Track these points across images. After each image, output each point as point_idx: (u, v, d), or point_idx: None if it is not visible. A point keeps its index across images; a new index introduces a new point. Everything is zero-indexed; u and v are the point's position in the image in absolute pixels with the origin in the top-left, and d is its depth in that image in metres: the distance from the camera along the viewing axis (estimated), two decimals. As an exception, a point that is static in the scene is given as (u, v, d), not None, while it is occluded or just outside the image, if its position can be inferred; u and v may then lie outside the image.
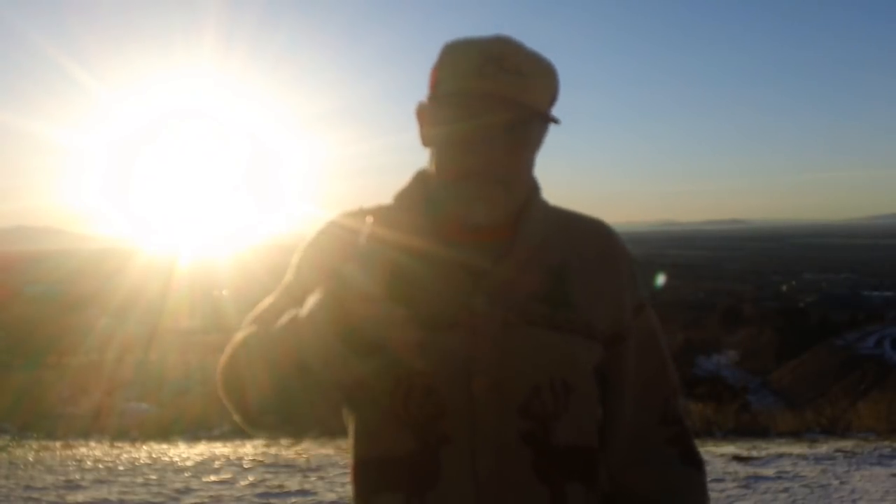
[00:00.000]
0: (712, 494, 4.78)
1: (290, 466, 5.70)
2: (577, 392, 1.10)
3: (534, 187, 1.19)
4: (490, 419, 1.06)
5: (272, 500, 4.83)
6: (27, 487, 5.20)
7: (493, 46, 1.08)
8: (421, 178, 1.19)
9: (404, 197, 1.18)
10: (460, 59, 1.09)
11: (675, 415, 1.20)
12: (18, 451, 6.54)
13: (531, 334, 1.08)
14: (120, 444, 6.91)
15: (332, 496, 4.85)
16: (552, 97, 1.13)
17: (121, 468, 5.78)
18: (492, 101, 1.06)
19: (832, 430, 7.17)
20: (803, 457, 5.76)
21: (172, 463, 5.93)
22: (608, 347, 1.14)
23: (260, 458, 5.99)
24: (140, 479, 5.39)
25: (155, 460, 6.05)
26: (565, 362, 1.10)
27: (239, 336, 1.14)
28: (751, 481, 5.08)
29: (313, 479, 5.30)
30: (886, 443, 6.25)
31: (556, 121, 1.11)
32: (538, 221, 1.16)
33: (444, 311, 1.08)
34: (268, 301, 1.21)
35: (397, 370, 1.06)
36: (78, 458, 6.20)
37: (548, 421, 1.08)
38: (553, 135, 1.15)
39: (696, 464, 1.20)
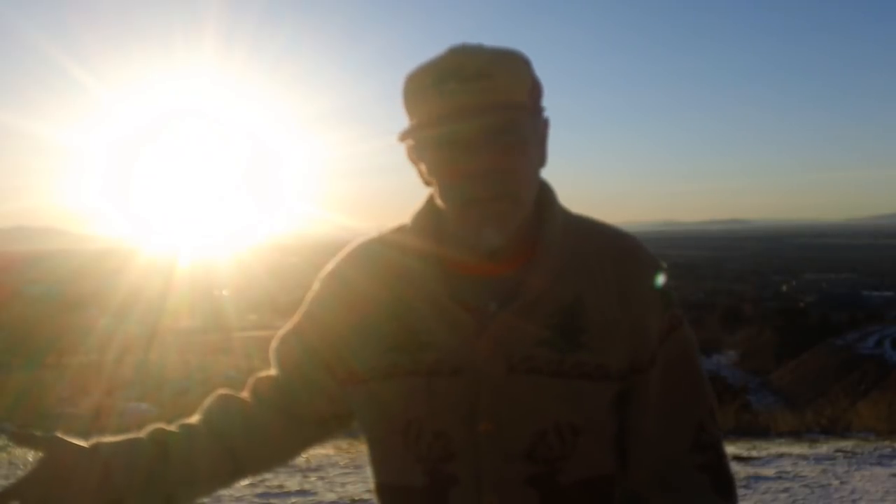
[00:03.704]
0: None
1: (289, 466, 5.69)
2: (586, 432, 1.07)
3: (546, 196, 1.14)
4: (495, 463, 1.06)
5: (272, 500, 4.82)
6: (27, 487, 5.19)
7: (448, 61, 1.03)
8: (432, 202, 1.15)
9: (417, 223, 1.16)
10: (419, 86, 1.05)
11: (709, 440, 1.14)
12: (18, 451, 6.53)
13: (535, 381, 1.05)
14: (120, 445, 6.90)
15: (332, 496, 4.84)
16: (530, 87, 1.07)
17: (121, 468, 5.77)
18: (465, 114, 1.01)
19: (832, 430, 7.17)
20: (803, 457, 5.76)
21: (172, 463, 5.92)
22: (628, 378, 1.09)
23: (260, 459, 5.97)
24: (140, 480, 5.39)
25: (155, 460, 6.04)
26: (572, 408, 1.06)
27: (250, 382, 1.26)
28: (751, 481, 5.07)
29: (313, 479, 5.30)
30: (886, 443, 6.24)
31: (542, 109, 1.08)
32: (552, 251, 1.09)
33: (449, 357, 1.07)
34: (285, 331, 1.25)
35: (408, 414, 1.09)
36: (78, 458, 6.19)
37: (554, 463, 1.06)
38: (553, 134, 1.11)
39: (727, 492, 1.14)
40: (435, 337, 1.08)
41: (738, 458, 5.63)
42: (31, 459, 6.23)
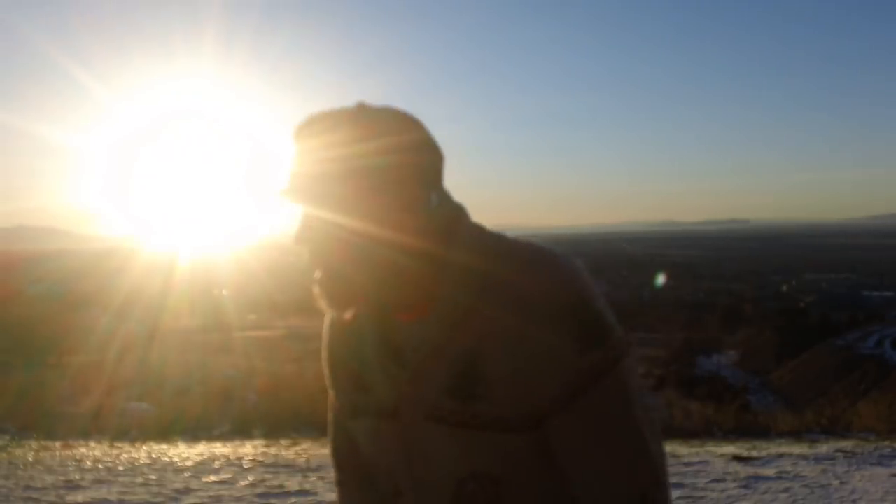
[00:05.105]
0: (713, 495, 4.78)
1: (289, 466, 5.70)
2: (506, 483, 1.05)
3: (448, 239, 1.04)
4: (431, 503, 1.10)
5: (272, 501, 4.82)
6: (27, 487, 5.20)
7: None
8: None
9: None
10: None
11: None
12: (18, 451, 6.54)
13: (441, 431, 1.05)
14: (120, 444, 6.91)
15: (331, 496, 4.84)
16: (360, 141, 0.99)
17: (120, 468, 5.78)
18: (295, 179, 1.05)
19: (832, 430, 7.17)
20: (803, 457, 5.76)
21: (172, 463, 5.93)
22: (536, 429, 1.01)
23: (260, 459, 5.99)
24: (140, 480, 5.39)
25: (155, 460, 6.05)
26: (481, 458, 1.04)
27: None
28: (751, 481, 5.07)
29: (313, 479, 5.30)
30: (887, 443, 6.25)
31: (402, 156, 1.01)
32: (447, 301, 1.03)
33: (384, 401, 1.10)
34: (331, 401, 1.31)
35: (366, 450, 1.18)
36: (78, 458, 6.20)
37: None
38: (553, 133, 1.07)
39: None
40: (375, 381, 1.12)
41: (738, 458, 5.64)
42: (30, 460, 6.23)
